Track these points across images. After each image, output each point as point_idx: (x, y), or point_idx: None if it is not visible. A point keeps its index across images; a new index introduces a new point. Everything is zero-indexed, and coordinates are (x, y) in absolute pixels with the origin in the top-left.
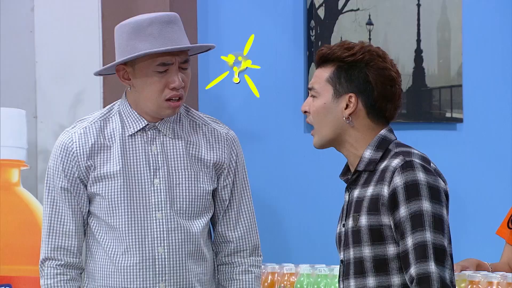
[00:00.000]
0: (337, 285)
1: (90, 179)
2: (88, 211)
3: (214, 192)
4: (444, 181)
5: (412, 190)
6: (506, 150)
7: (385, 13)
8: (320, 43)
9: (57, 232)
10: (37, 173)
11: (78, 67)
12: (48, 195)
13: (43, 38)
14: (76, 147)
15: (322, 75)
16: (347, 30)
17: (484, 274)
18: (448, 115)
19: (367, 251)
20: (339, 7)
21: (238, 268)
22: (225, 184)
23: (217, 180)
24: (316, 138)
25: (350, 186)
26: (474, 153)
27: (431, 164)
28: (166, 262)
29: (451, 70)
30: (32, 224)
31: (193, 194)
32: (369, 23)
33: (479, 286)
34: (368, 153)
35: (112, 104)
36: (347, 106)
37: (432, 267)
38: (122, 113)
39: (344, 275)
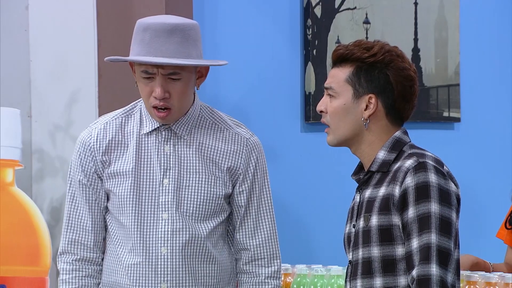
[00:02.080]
0: (333, 285)
1: (105, 175)
2: (106, 207)
3: (230, 198)
4: (456, 184)
5: (422, 192)
6: (504, 149)
7: (382, 11)
8: (316, 42)
9: (74, 226)
10: (32, 173)
11: (73, 66)
12: (68, 189)
13: (37, 37)
14: (94, 142)
15: (340, 75)
16: (344, 29)
17: (481, 275)
18: (445, 114)
19: (375, 251)
20: (336, 6)
21: (255, 279)
22: (241, 190)
23: (233, 185)
24: (331, 137)
25: (361, 186)
26: (472, 153)
27: (444, 167)
28: (169, 263)
29: (448, 69)
30: (27, 224)
31: (202, 197)
32: (366, 21)
33: (477, 286)
34: (382, 154)
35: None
36: (366, 107)
37: (433, 269)
38: (142, 111)
39: (351, 276)
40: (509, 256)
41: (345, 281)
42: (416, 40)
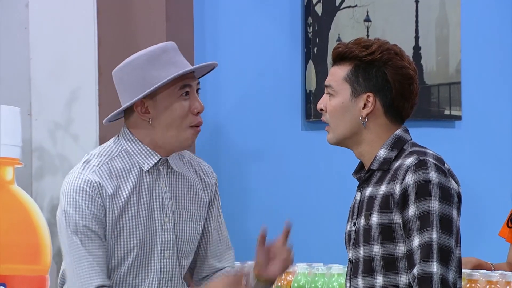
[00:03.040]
0: (334, 284)
1: (111, 221)
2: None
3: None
4: (457, 182)
5: (423, 190)
6: (505, 147)
7: (383, 9)
8: (317, 40)
9: (94, 274)
10: (32, 171)
11: (73, 64)
12: (71, 239)
13: (38, 35)
14: (100, 187)
15: (339, 73)
16: (344, 27)
17: (483, 273)
18: (446, 112)
19: (377, 250)
20: (337, 4)
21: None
22: (210, 217)
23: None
24: (331, 135)
25: (362, 185)
26: (473, 151)
27: (445, 165)
28: None
29: (449, 67)
30: (27, 223)
31: (191, 233)
32: (367, 19)
33: (478, 285)
34: (382, 152)
35: (108, 145)
36: (365, 105)
37: (434, 267)
38: (131, 150)
39: (352, 274)
40: (511, 254)
41: (345, 280)
42: (417, 38)
